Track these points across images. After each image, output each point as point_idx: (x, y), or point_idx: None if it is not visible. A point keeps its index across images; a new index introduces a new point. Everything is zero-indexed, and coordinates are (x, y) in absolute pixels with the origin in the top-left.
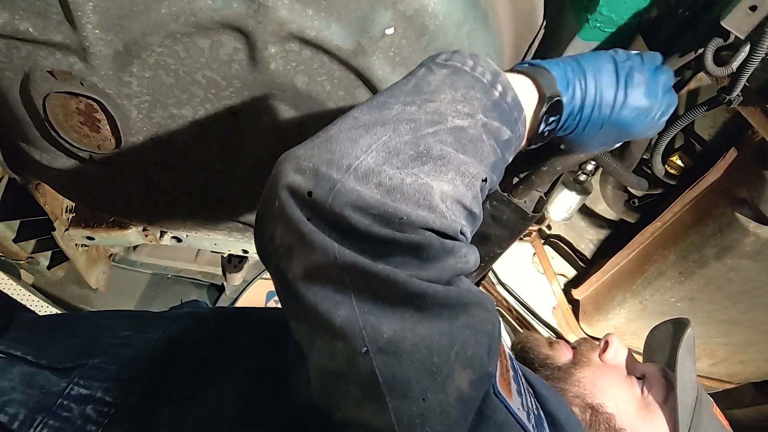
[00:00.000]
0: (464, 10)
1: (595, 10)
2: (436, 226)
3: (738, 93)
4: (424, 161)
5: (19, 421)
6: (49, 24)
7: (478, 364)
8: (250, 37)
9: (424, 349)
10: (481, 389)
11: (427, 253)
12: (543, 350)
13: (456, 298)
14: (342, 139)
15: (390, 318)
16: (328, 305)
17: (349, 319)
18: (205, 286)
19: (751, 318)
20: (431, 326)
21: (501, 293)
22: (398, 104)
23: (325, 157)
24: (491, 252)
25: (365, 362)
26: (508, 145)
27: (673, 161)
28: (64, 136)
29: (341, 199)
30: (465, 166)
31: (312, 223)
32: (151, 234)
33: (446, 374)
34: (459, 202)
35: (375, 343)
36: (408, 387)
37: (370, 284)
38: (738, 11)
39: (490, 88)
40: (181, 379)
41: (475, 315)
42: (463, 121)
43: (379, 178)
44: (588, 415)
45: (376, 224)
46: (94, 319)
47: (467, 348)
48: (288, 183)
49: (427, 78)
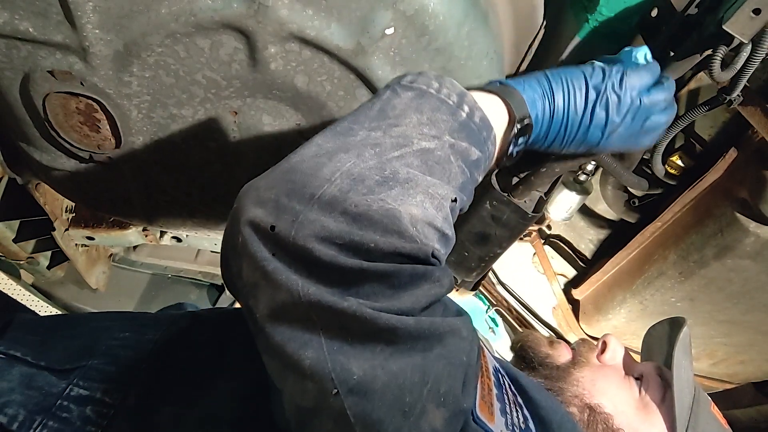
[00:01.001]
0: (464, 10)
1: (595, 10)
2: (406, 251)
3: (738, 93)
4: (390, 186)
5: (18, 422)
6: (49, 24)
7: (452, 401)
8: (250, 37)
9: (396, 388)
10: (457, 425)
11: (398, 280)
12: (543, 349)
13: (428, 329)
14: (304, 168)
15: (360, 356)
16: (296, 346)
17: (317, 361)
18: (205, 286)
19: (751, 318)
20: (403, 361)
21: (501, 293)
22: (363, 130)
23: (287, 188)
24: (491, 252)
25: (336, 403)
26: (477, 165)
27: (674, 161)
28: (64, 136)
29: (304, 231)
30: (433, 188)
31: (277, 258)
32: (151, 234)
33: (419, 413)
34: (430, 224)
35: (345, 385)
36: (380, 427)
37: (338, 322)
38: (741, 15)
39: (457, 110)
40: (181, 380)
41: (449, 345)
42: (429, 143)
43: (344, 206)
44: (586, 415)
45: (343, 254)
46: (93, 321)
47: (440, 384)
48: (250, 218)
49: (392, 102)
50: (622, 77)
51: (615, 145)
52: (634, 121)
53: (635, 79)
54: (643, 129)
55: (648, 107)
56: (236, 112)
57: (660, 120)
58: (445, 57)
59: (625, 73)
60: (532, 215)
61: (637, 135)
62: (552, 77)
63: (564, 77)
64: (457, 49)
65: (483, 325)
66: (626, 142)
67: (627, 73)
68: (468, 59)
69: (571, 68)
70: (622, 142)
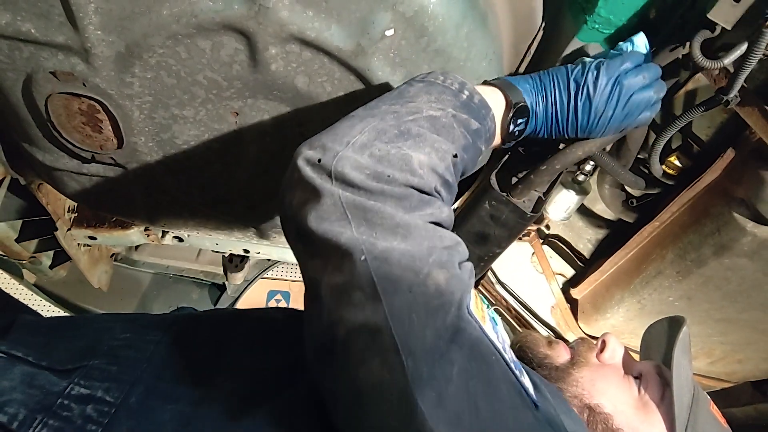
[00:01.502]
0: (463, 12)
1: (593, 12)
2: (414, 183)
3: (735, 93)
4: (406, 138)
5: (18, 421)
6: (52, 25)
7: (452, 267)
8: (251, 39)
9: (409, 255)
10: (454, 288)
11: (409, 202)
12: (542, 349)
13: (432, 231)
14: (342, 127)
15: (382, 238)
16: (335, 233)
17: (350, 238)
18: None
19: (748, 317)
20: (415, 243)
21: (500, 293)
22: (385, 105)
23: (330, 138)
24: (490, 251)
25: (364, 267)
26: (478, 134)
27: (671, 161)
28: (66, 137)
29: (343, 162)
30: (438, 143)
31: (323, 180)
32: (152, 234)
33: (426, 273)
34: (433, 169)
35: (371, 252)
36: (397, 283)
37: (366, 216)
38: (723, 3)
39: (459, 93)
40: (182, 380)
41: (448, 244)
42: (436, 113)
43: (371, 150)
44: (585, 415)
45: (370, 179)
46: (95, 322)
47: (443, 256)
48: (304, 156)
49: (407, 89)
50: (599, 66)
51: (613, 126)
52: (619, 102)
53: (613, 67)
54: (630, 106)
55: (628, 87)
56: (237, 113)
57: (645, 96)
58: (444, 58)
59: (602, 63)
60: (530, 215)
61: (629, 114)
62: (541, 75)
63: (550, 74)
64: (456, 50)
65: None
66: (622, 121)
67: (605, 62)
68: (467, 60)
69: (557, 67)
70: (618, 123)
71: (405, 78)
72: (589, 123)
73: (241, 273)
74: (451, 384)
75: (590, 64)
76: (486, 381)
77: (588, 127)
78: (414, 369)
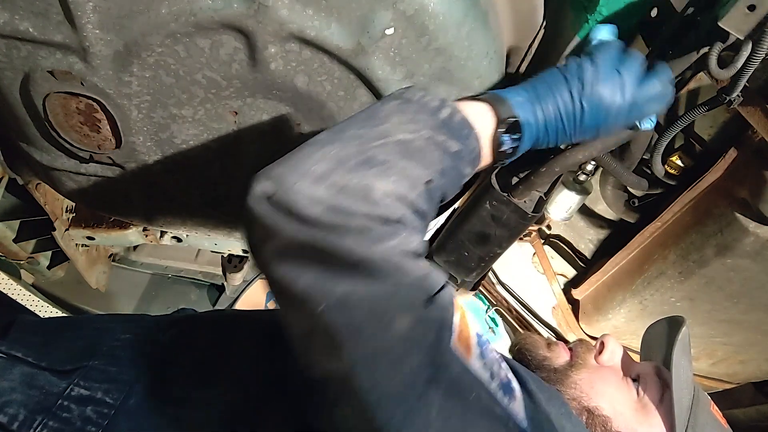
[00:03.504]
0: (464, 10)
1: (594, 10)
2: (376, 215)
3: (738, 93)
4: (369, 166)
5: (18, 422)
6: (49, 24)
7: (416, 310)
8: (250, 37)
9: (369, 300)
10: (421, 331)
11: (370, 235)
12: (540, 352)
13: (396, 265)
14: (300, 155)
15: (342, 281)
16: (291, 278)
17: (307, 285)
18: (205, 286)
19: (751, 318)
20: (375, 284)
21: (501, 293)
22: (352, 129)
23: (286, 168)
24: (491, 252)
25: (324, 318)
26: (458, 156)
27: (673, 161)
28: (64, 136)
29: (297, 196)
30: (408, 170)
31: (278, 215)
32: (151, 234)
33: (389, 319)
34: (401, 198)
35: (329, 301)
36: (359, 333)
37: (323, 255)
38: (736, 11)
39: (437, 112)
40: (181, 381)
41: (416, 278)
42: (408, 135)
43: (329, 181)
44: (584, 418)
45: (326, 213)
46: (95, 323)
47: (406, 296)
48: (258, 189)
49: (380, 108)
50: (593, 58)
51: (620, 121)
52: (624, 92)
53: (608, 55)
54: (635, 96)
55: (629, 74)
56: (236, 112)
57: (650, 85)
58: (445, 57)
59: (594, 54)
60: (531, 215)
61: (634, 105)
62: (533, 83)
63: (543, 79)
64: (457, 49)
65: (483, 324)
66: (629, 115)
67: (595, 53)
68: (468, 59)
69: (547, 71)
70: (624, 116)
71: (405, 77)
72: (597, 122)
73: (240, 273)
74: (431, 428)
75: (582, 58)
76: (465, 420)
77: (596, 125)
78: (386, 417)
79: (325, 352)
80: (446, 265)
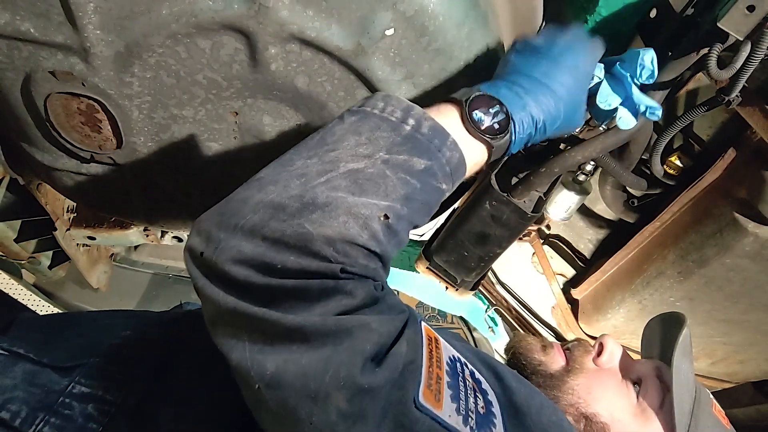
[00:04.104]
0: (464, 11)
1: (594, 11)
2: (313, 268)
3: (737, 93)
4: (311, 210)
5: (21, 419)
6: (51, 25)
7: (351, 383)
8: (250, 38)
9: (301, 377)
10: (362, 403)
11: (308, 295)
12: (535, 356)
13: (335, 326)
14: (236, 200)
15: (276, 354)
16: (227, 348)
17: (239, 361)
18: None
19: (750, 318)
20: (313, 355)
21: (500, 293)
22: (300, 159)
23: (217, 220)
24: (491, 252)
25: (261, 395)
26: (429, 172)
27: (672, 161)
28: (65, 137)
29: (223, 256)
30: (356, 208)
31: (206, 277)
32: (152, 234)
33: (324, 396)
34: (349, 242)
35: (262, 380)
36: (296, 413)
37: (253, 325)
38: (735, 12)
39: (400, 125)
40: (181, 379)
41: (359, 338)
42: (358, 164)
43: (262, 233)
44: (582, 425)
45: (255, 274)
46: (95, 319)
47: (340, 370)
48: (189, 246)
49: (333, 129)
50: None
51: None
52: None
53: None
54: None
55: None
56: (237, 113)
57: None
58: (445, 57)
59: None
60: (531, 215)
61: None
62: (521, 79)
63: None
64: (457, 50)
65: (482, 324)
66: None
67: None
68: (468, 60)
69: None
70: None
71: (405, 77)
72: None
73: None
74: None
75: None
76: None
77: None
78: None
79: (274, 426)
80: (446, 265)
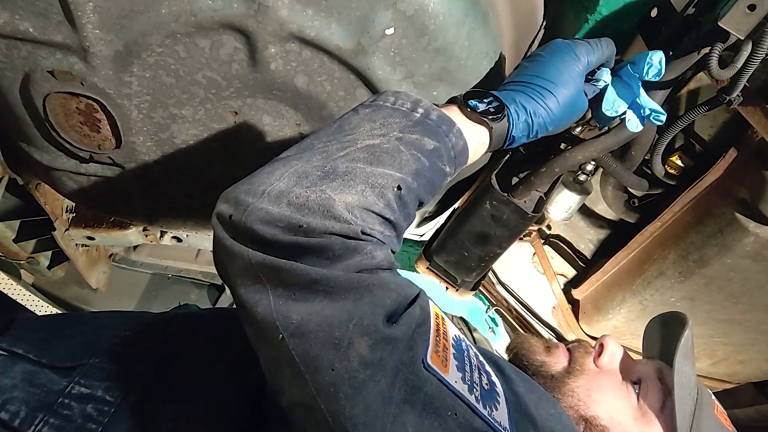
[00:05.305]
0: (464, 10)
1: (594, 10)
2: (336, 230)
3: (738, 93)
4: (331, 179)
5: (20, 419)
6: (50, 24)
7: (374, 331)
8: (250, 37)
9: (326, 326)
10: (385, 353)
11: (331, 252)
12: (538, 357)
13: (357, 281)
14: (262, 173)
15: (300, 305)
16: (252, 303)
17: (265, 314)
18: (205, 286)
19: (751, 318)
20: (335, 306)
21: (501, 293)
22: (320, 142)
23: (245, 188)
24: (491, 252)
25: (284, 347)
26: (436, 153)
27: (673, 161)
28: (64, 136)
29: (252, 217)
30: (374, 177)
31: (233, 238)
32: (151, 234)
33: (348, 343)
34: (366, 209)
35: (287, 330)
36: (318, 361)
37: (280, 277)
38: (736, 11)
39: (411, 113)
40: (181, 379)
41: (378, 294)
42: (374, 140)
43: (288, 198)
44: (581, 427)
45: (282, 233)
46: (95, 320)
47: (364, 319)
48: (217, 212)
49: (349, 119)
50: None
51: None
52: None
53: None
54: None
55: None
56: (236, 112)
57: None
58: (446, 57)
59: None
60: (531, 215)
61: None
62: (523, 84)
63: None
64: (458, 49)
65: (483, 325)
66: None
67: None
68: (468, 59)
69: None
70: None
71: (405, 77)
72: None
73: None
74: None
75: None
76: None
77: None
78: None
79: (291, 381)
80: (446, 265)
